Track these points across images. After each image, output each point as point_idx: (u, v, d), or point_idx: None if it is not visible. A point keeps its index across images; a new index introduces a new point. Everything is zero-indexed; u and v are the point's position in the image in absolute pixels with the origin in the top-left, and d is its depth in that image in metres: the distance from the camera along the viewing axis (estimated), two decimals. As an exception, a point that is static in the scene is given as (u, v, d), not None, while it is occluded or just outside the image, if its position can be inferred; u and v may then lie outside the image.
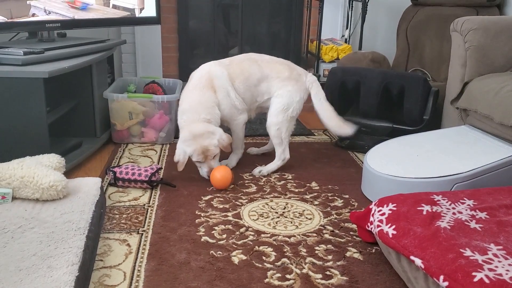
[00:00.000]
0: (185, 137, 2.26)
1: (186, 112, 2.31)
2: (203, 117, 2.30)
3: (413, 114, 2.64)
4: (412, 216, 1.67)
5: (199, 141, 2.25)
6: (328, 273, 1.66)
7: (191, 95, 2.34)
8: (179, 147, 2.27)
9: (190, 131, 2.26)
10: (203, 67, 2.45)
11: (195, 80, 2.39)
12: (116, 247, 1.76)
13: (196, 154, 2.26)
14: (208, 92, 2.34)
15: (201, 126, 2.27)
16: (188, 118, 2.30)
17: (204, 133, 2.25)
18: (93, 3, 2.83)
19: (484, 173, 2.05)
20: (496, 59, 2.52)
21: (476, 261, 1.41)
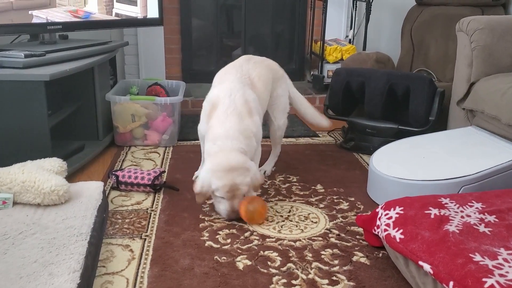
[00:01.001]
0: (216, 167, 1.90)
1: (221, 138, 1.96)
2: (241, 147, 1.97)
3: (418, 115, 2.60)
4: (419, 220, 1.64)
5: (232, 177, 1.89)
6: (334, 278, 1.63)
7: (227, 121, 1.99)
8: (205, 176, 1.92)
9: (224, 162, 1.90)
10: (234, 88, 2.09)
11: (228, 103, 2.03)
12: (118, 253, 1.74)
13: (224, 191, 1.91)
14: (246, 119, 2.03)
15: (238, 158, 1.93)
16: (223, 145, 1.95)
17: (240, 168, 1.91)
18: (96, 12, 2.82)
19: (492, 175, 2.02)
20: (503, 59, 2.49)
21: (486, 266, 1.38)
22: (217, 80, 2.24)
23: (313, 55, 3.94)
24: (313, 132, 3.18)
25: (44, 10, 2.57)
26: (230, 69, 2.23)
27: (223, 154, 1.92)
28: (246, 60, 2.28)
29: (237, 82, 2.12)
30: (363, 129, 2.77)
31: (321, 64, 3.72)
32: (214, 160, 1.93)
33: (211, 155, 1.95)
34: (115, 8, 2.94)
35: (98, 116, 2.68)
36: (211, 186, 1.91)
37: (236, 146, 1.95)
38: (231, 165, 1.90)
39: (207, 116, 2.10)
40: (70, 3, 2.71)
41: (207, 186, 1.92)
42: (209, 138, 2.00)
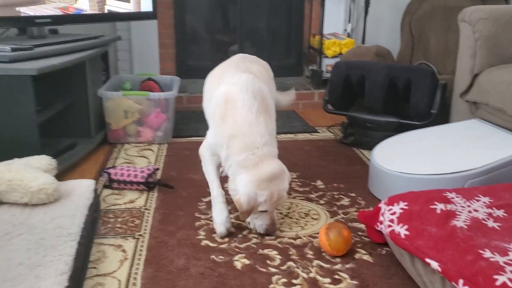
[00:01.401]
0: (258, 179, 1.68)
1: (256, 145, 1.73)
2: (275, 151, 1.79)
3: (420, 108, 2.53)
4: (425, 215, 1.57)
5: (275, 185, 1.70)
6: (337, 277, 1.56)
7: (257, 124, 1.75)
8: (249, 190, 1.67)
9: (265, 171, 1.69)
10: (248, 82, 1.84)
11: (248, 99, 1.78)
12: (110, 253, 1.66)
13: (270, 202, 1.71)
14: (269, 118, 1.83)
15: (276, 165, 1.73)
16: (262, 153, 1.72)
17: (281, 173, 1.73)
18: (87, 10, 2.73)
19: (499, 168, 1.95)
20: (508, 50, 2.42)
21: (497, 263, 1.31)
22: (215, 80, 1.97)
23: (311, 50, 3.86)
24: (312, 128, 3.11)
25: (33, 7, 2.48)
26: (227, 67, 2.00)
27: (263, 163, 1.71)
28: (241, 58, 2.08)
29: (248, 76, 1.87)
30: (363, 123, 2.69)
31: (320, 59, 3.65)
32: (253, 171, 1.69)
33: (248, 167, 1.70)
34: (107, 5, 2.85)
35: (90, 113, 2.60)
36: (257, 199, 1.68)
37: (273, 152, 1.77)
38: (273, 174, 1.70)
39: (221, 117, 1.79)
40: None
41: (253, 201, 1.68)
42: (241, 146, 1.72)
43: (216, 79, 1.95)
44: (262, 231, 1.78)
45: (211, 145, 1.85)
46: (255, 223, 1.79)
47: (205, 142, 1.90)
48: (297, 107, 3.58)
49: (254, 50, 3.97)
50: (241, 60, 2.03)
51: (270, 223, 1.76)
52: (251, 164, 1.70)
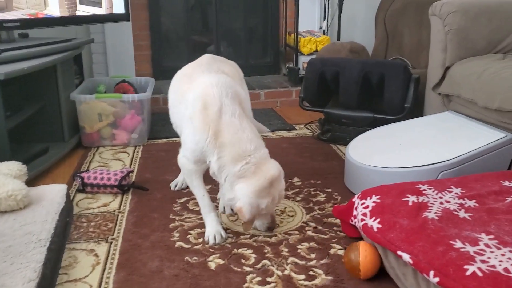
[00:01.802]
0: (257, 188, 1.63)
1: (249, 153, 1.66)
2: (266, 151, 1.73)
3: (394, 102, 2.54)
4: (397, 208, 1.57)
5: (276, 188, 1.68)
6: (311, 273, 1.55)
7: (243, 129, 1.68)
8: (251, 201, 1.62)
9: (263, 178, 1.64)
10: (224, 85, 1.74)
11: (230, 104, 1.70)
12: (82, 258, 1.63)
13: (273, 205, 1.70)
14: (249, 120, 1.79)
15: (272, 167, 1.68)
16: (256, 160, 1.66)
17: (279, 174, 1.69)
18: (58, 14, 2.68)
19: (471, 159, 1.96)
20: (477, 42, 2.44)
21: (468, 253, 1.32)
22: (185, 81, 1.87)
23: (287, 48, 3.86)
24: (290, 126, 3.11)
25: (0, 14, 2.43)
26: (198, 67, 1.90)
27: (261, 170, 1.66)
28: (210, 58, 1.99)
29: (225, 77, 1.80)
30: (339, 119, 2.70)
31: (296, 56, 3.65)
32: (253, 181, 1.64)
33: (247, 176, 1.64)
34: (78, 10, 2.80)
35: (62, 117, 2.56)
36: (259, 207, 1.65)
37: (265, 154, 1.71)
38: (271, 178, 1.66)
39: (203, 122, 1.68)
40: (28, 6, 2.58)
41: (255, 210, 1.64)
42: (233, 156, 1.65)
43: (186, 80, 1.87)
44: (263, 229, 1.78)
45: (194, 152, 1.71)
46: (255, 224, 1.77)
47: (185, 150, 1.76)
48: (275, 105, 3.58)
49: (231, 50, 3.96)
50: (211, 60, 1.96)
51: (270, 221, 1.77)
52: (249, 173, 1.64)
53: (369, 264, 1.49)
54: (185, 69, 1.97)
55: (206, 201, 1.78)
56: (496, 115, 2.10)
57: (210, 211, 1.78)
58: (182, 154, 1.78)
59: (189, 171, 1.77)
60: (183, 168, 1.80)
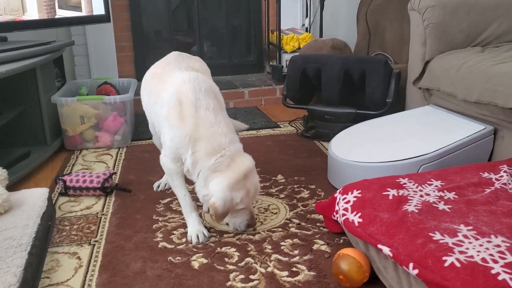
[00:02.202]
0: (232, 180, 1.63)
1: (223, 146, 1.66)
2: (240, 146, 1.74)
3: (375, 98, 2.56)
4: (378, 202, 1.58)
5: (250, 181, 1.68)
6: (294, 269, 1.56)
7: (218, 123, 1.69)
8: (224, 195, 1.62)
9: (238, 171, 1.65)
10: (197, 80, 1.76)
11: (204, 98, 1.71)
12: (64, 262, 1.62)
13: (247, 199, 1.68)
14: (225, 114, 1.79)
15: (246, 161, 1.69)
16: (230, 153, 1.67)
17: (252, 167, 1.70)
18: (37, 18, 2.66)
19: (451, 152, 1.99)
20: (456, 36, 2.46)
21: (446, 244, 1.33)
22: (156, 80, 1.87)
23: (271, 46, 3.87)
24: (274, 123, 3.11)
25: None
26: (167, 65, 1.89)
27: (235, 162, 1.66)
28: (177, 55, 1.98)
29: (196, 74, 1.80)
30: (322, 116, 2.71)
31: (279, 54, 3.66)
32: (227, 174, 1.64)
33: (221, 170, 1.65)
34: (57, 15, 2.78)
35: (44, 120, 2.54)
36: (233, 201, 1.65)
37: (239, 149, 1.72)
38: (246, 171, 1.67)
39: (178, 118, 1.68)
40: (6, 12, 2.55)
41: (229, 203, 1.64)
42: (207, 150, 1.65)
43: (158, 80, 1.86)
44: (244, 228, 1.75)
45: (171, 148, 1.71)
46: (234, 223, 1.74)
47: (165, 149, 1.77)
48: (259, 103, 3.58)
49: (214, 49, 3.96)
50: (179, 57, 1.95)
51: (249, 217, 1.74)
52: (223, 166, 1.65)
53: (358, 277, 1.45)
54: (153, 69, 1.96)
55: (187, 201, 1.78)
56: (475, 108, 2.12)
57: (192, 211, 1.78)
58: (163, 154, 1.79)
59: (170, 170, 1.77)
60: (164, 168, 1.80)
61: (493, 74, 2.00)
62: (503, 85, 1.92)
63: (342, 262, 1.46)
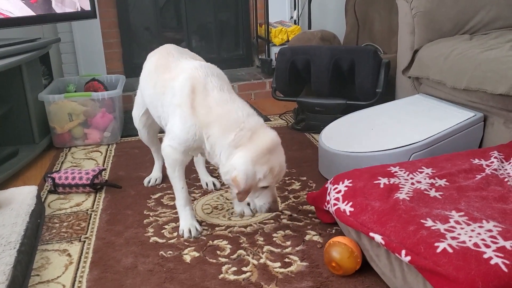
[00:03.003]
0: (255, 153, 1.52)
1: (242, 119, 1.57)
2: (262, 120, 1.63)
3: (365, 88, 2.55)
4: (369, 191, 1.58)
5: (276, 157, 1.56)
6: (287, 260, 1.55)
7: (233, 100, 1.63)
8: (246, 169, 1.51)
9: (262, 144, 1.54)
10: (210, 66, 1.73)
11: (217, 81, 1.66)
12: (55, 259, 1.60)
13: (271, 176, 1.55)
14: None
15: (272, 134, 1.59)
16: (251, 126, 1.57)
17: (278, 144, 1.58)
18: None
19: (441, 139, 1.98)
20: (444, 24, 2.46)
21: (438, 230, 1.33)
22: (161, 70, 1.78)
23: (259, 39, 3.85)
24: (265, 117, 3.10)
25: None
26: (169, 55, 1.83)
27: (258, 135, 1.56)
28: (175, 47, 1.93)
29: (205, 62, 1.76)
30: (312, 107, 2.70)
31: (268, 47, 3.64)
32: (250, 146, 1.53)
33: (243, 143, 1.54)
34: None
35: (31, 118, 2.51)
36: (256, 176, 1.53)
37: (260, 121, 1.61)
38: (272, 145, 1.55)
39: (190, 107, 1.60)
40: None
41: (251, 179, 1.52)
42: (224, 127, 1.56)
43: (163, 69, 1.78)
44: (265, 211, 1.62)
45: (180, 138, 1.62)
46: (255, 204, 1.62)
47: (171, 139, 1.66)
48: (249, 97, 3.57)
49: (203, 44, 3.94)
50: (179, 49, 1.91)
51: (272, 200, 1.61)
52: (245, 140, 1.54)
53: (351, 264, 1.45)
54: (155, 60, 1.87)
55: (184, 194, 1.74)
56: (464, 95, 2.12)
57: (186, 204, 1.75)
58: (167, 143, 1.68)
59: (174, 161, 1.69)
60: (167, 158, 1.70)
61: (481, 61, 2.00)
62: (492, 72, 1.92)
63: (334, 249, 1.46)
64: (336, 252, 1.45)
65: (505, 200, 1.49)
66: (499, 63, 1.92)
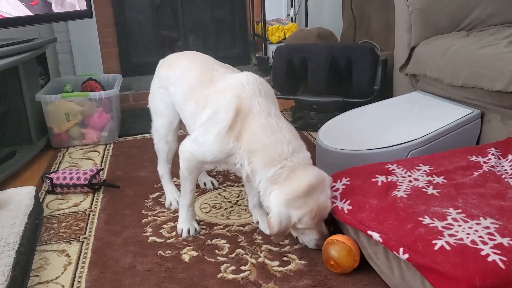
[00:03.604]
0: (292, 196, 1.45)
1: (286, 154, 1.49)
2: (307, 156, 1.55)
3: (362, 85, 2.56)
4: (367, 189, 1.58)
5: (314, 199, 1.47)
6: (285, 259, 1.55)
7: (280, 129, 1.52)
8: (281, 211, 1.45)
9: (300, 185, 1.46)
10: (258, 81, 1.62)
11: (264, 104, 1.55)
12: (53, 259, 1.60)
13: (310, 218, 1.47)
14: (286, 120, 1.62)
15: (312, 173, 1.49)
16: (294, 163, 1.49)
17: (320, 182, 1.49)
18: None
19: (439, 137, 1.99)
20: (441, 21, 2.46)
21: (436, 228, 1.33)
22: (205, 84, 1.66)
23: (256, 37, 3.85)
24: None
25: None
26: (209, 67, 1.73)
27: (296, 175, 1.48)
28: (201, 54, 1.86)
29: (252, 75, 1.64)
30: (309, 105, 2.70)
31: (265, 45, 3.64)
32: (285, 188, 1.46)
33: (280, 182, 1.47)
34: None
35: (29, 119, 2.50)
36: (291, 220, 1.47)
37: (305, 159, 1.53)
38: (310, 186, 1.46)
39: (229, 128, 1.51)
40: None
41: (286, 222, 1.46)
42: (266, 160, 1.48)
43: (207, 84, 1.66)
44: (313, 247, 1.57)
45: (216, 155, 1.54)
46: (303, 239, 1.58)
47: (199, 149, 1.57)
48: (247, 95, 3.56)
49: (200, 43, 3.93)
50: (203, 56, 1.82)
51: (318, 237, 1.54)
52: (282, 179, 1.47)
53: (349, 262, 1.45)
54: (196, 75, 1.72)
55: (191, 196, 1.70)
56: (461, 92, 2.12)
57: (190, 205, 1.72)
58: (191, 151, 1.60)
59: (193, 167, 1.63)
60: (186, 162, 1.63)
61: (478, 58, 2.01)
62: (489, 68, 1.92)
63: (332, 248, 1.46)
64: (335, 250, 1.45)
65: (503, 197, 1.50)
66: (496, 60, 1.93)
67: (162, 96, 1.85)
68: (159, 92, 1.86)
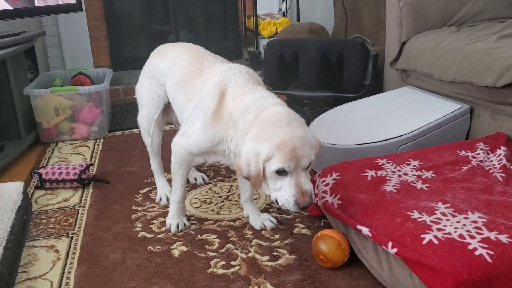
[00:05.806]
0: (259, 130, 1.35)
1: (254, 102, 1.42)
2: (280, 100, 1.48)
3: (353, 80, 2.55)
4: (356, 184, 1.59)
5: (288, 130, 1.33)
6: (275, 254, 1.55)
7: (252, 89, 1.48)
8: (249, 148, 1.35)
9: (269, 117, 1.35)
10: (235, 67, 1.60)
11: (243, 78, 1.52)
12: (42, 255, 1.59)
13: (282, 155, 1.31)
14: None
15: (282, 108, 1.40)
16: (261, 105, 1.41)
17: (295, 119, 1.38)
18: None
19: (429, 131, 2.00)
20: (431, 16, 2.47)
21: (424, 222, 1.34)
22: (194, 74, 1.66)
23: (248, 32, 3.83)
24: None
25: None
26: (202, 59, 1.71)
27: (264, 112, 1.37)
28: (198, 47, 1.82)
29: (236, 65, 1.63)
30: (301, 100, 2.70)
31: (256, 40, 3.63)
32: (254, 125, 1.36)
33: (249, 128, 1.38)
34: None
35: (17, 113, 2.48)
36: (259, 157, 1.31)
37: (278, 101, 1.44)
38: (276, 117, 1.34)
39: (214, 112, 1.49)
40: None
41: (254, 160, 1.32)
42: (237, 118, 1.42)
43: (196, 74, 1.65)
44: (293, 207, 1.34)
45: (198, 143, 1.53)
46: (281, 199, 1.36)
47: (188, 142, 1.55)
48: (238, 90, 3.55)
49: (191, 37, 3.90)
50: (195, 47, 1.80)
51: (296, 191, 1.33)
52: (251, 119, 1.37)
53: (339, 257, 1.45)
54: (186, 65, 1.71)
55: (181, 191, 1.70)
56: (451, 87, 2.13)
57: (181, 201, 1.72)
58: (181, 143, 1.58)
59: (184, 161, 1.61)
60: (177, 155, 1.61)
61: (468, 53, 2.01)
62: (478, 64, 1.93)
63: (322, 242, 1.46)
64: (324, 245, 1.46)
65: (490, 191, 1.51)
66: (485, 55, 1.93)
67: (150, 85, 1.85)
68: (147, 82, 1.86)
